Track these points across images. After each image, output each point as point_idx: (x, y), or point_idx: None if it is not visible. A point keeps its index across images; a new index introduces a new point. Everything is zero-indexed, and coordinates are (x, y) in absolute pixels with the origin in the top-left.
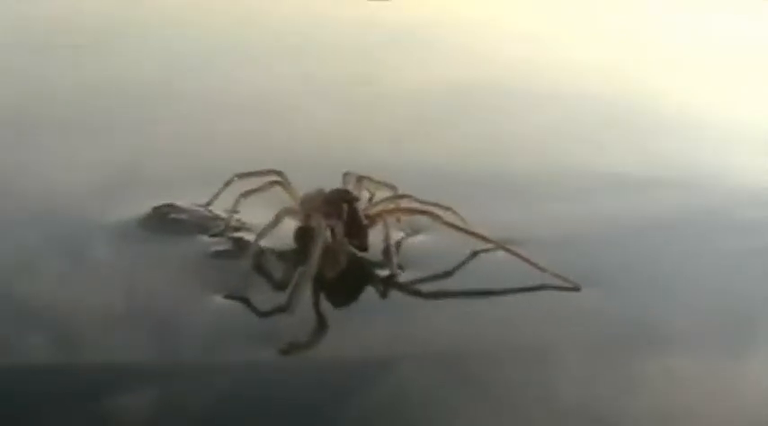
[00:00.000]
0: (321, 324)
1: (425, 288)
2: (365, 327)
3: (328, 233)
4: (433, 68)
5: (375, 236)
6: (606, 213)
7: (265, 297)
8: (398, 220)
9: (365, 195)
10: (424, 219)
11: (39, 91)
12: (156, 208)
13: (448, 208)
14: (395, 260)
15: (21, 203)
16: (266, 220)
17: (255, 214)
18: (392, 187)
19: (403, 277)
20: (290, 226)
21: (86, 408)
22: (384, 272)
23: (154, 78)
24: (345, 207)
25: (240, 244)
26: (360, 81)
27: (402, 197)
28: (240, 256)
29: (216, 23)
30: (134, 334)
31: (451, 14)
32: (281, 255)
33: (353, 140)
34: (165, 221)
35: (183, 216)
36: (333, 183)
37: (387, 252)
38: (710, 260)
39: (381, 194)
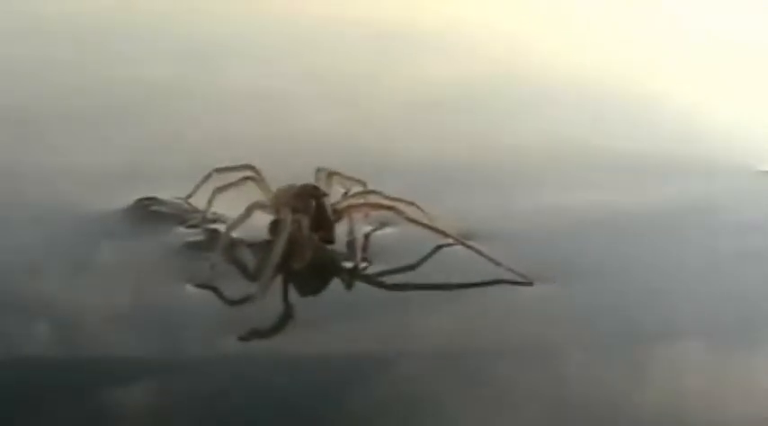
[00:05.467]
0: (286, 313)
1: (387, 279)
2: (328, 316)
3: (296, 226)
4: (414, 68)
5: (344, 231)
6: (573, 209)
7: (233, 287)
8: (366, 215)
9: (340, 190)
10: (390, 214)
11: (30, 89)
12: (139, 200)
13: (412, 203)
14: (359, 252)
15: (12, 196)
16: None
17: (234, 207)
18: (362, 183)
19: (367, 269)
20: (265, 219)
21: (69, 400)
22: (348, 264)
23: (142, 78)
24: (313, 201)
25: (213, 236)
26: (341, 83)
27: (370, 192)
28: (210, 247)
29: (208, 22)
30: (107, 325)
31: (443, 13)
32: (254, 247)
33: (332, 138)
34: (145, 213)
35: (164, 208)
36: (309, 177)
37: (351, 245)
38: (677, 257)
39: (354, 190)
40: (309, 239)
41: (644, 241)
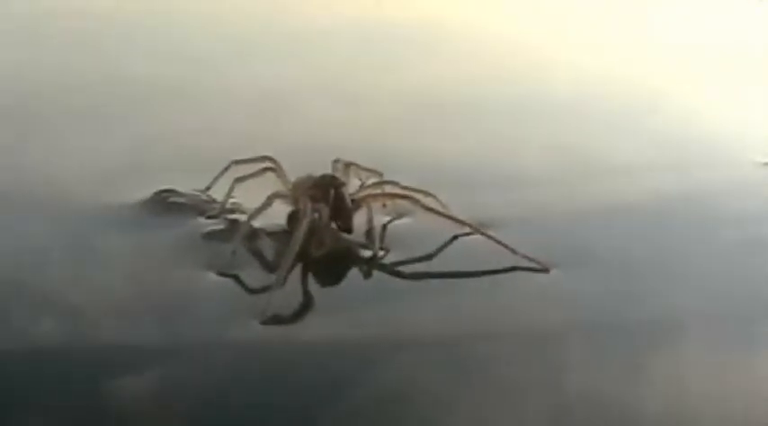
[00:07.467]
0: (305, 300)
1: (405, 268)
2: (346, 304)
3: (315, 215)
4: (426, 67)
5: (362, 220)
6: (583, 201)
7: (253, 275)
8: (384, 205)
9: (356, 181)
10: (407, 204)
11: (55, 84)
12: (157, 193)
13: (429, 194)
14: (377, 241)
15: (31, 188)
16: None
17: (252, 198)
18: (378, 173)
19: (385, 258)
20: (284, 210)
21: (86, 388)
22: (367, 253)
23: (164, 74)
24: (332, 191)
25: (233, 225)
26: (355, 79)
27: (387, 183)
28: (231, 236)
29: (217, 21)
30: (131, 313)
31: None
32: (273, 236)
33: (347, 132)
34: (164, 204)
35: (182, 199)
36: (324, 169)
37: (370, 234)
38: (682, 246)
39: (370, 181)
40: (328, 228)
41: (651, 231)
